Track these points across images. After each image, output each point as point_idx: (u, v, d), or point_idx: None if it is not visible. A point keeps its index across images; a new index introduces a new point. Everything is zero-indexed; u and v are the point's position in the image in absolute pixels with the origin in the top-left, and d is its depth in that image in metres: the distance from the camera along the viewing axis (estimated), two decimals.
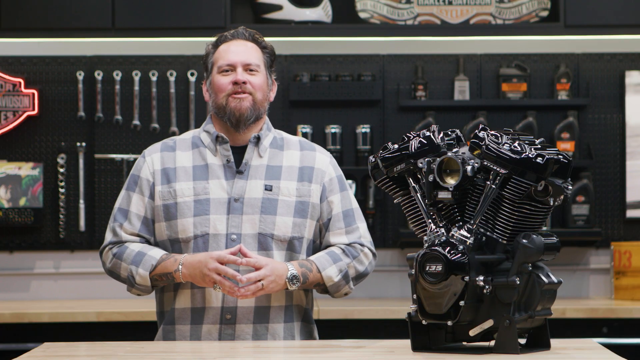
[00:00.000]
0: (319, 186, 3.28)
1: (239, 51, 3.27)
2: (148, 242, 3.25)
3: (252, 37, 3.31)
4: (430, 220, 2.83)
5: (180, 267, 3.14)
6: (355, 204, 3.34)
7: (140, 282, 3.19)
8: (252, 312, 3.18)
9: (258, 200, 3.21)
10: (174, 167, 3.26)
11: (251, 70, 3.25)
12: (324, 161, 3.33)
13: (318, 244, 3.31)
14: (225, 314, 3.18)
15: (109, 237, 3.27)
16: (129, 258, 3.20)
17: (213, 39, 3.33)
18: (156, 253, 3.19)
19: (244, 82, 3.23)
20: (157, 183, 3.25)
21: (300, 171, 3.28)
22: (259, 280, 3.10)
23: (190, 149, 3.28)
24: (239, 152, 3.27)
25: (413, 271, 2.79)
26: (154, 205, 3.24)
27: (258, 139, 3.27)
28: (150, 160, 3.29)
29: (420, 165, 2.84)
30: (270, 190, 3.22)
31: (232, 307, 3.17)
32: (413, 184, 2.87)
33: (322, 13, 5.54)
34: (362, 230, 3.31)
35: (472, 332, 2.78)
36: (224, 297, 3.17)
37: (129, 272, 3.20)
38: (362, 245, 3.30)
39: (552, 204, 2.77)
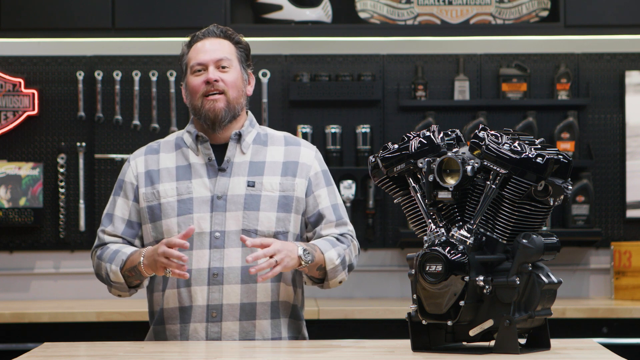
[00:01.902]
0: (304, 180, 3.27)
1: (209, 49, 3.25)
2: (131, 244, 3.26)
3: (224, 34, 3.29)
4: (430, 220, 2.83)
5: (142, 259, 3.13)
6: (340, 200, 3.33)
7: (115, 279, 3.19)
8: (238, 310, 3.17)
9: (241, 196, 3.20)
10: (158, 169, 3.26)
11: (223, 67, 3.23)
12: (309, 155, 3.31)
13: (304, 239, 3.30)
14: (210, 312, 3.17)
15: (95, 242, 3.31)
16: (106, 257, 3.22)
17: (187, 39, 3.33)
18: (129, 250, 3.21)
19: (216, 80, 3.21)
20: (140, 185, 3.26)
21: (284, 166, 3.27)
22: (271, 257, 3.04)
23: (173, 151, 3.29)
24: (221, 150, 3.26)
25: (413, 271, 2.79)
26: (139, 208, 3.26)
27: (239, 136, 3.27)
28: (135, 164, 3.30)
29: (420, 165, 2.84)
30: (253, 186, 3.21)
31: (217, 304, 3.17)
32: (413, 184, 2.87)
33: (322, 13, 5.54)
34: (350, 225, 3.32)
35: (472, 332, 2.78)
36: (209, 295, 3.16)
37: (106, 270, 3.21)
38: (352, 237, 3.30)
39: (552, 204, 2.78)
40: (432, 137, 2.86)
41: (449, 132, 2.91)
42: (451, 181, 2.80)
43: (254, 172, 3.24)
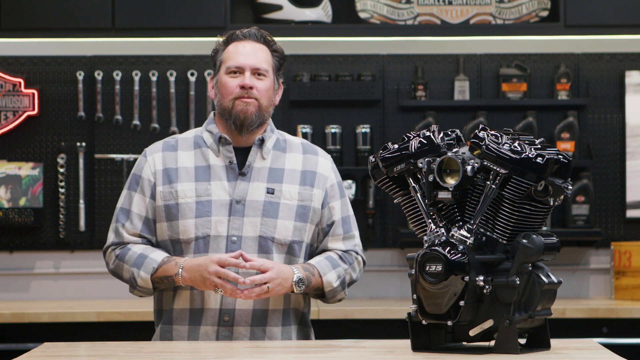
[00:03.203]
0: (322, 191, 3.28)
1: (249, 53, 3.23)
2: (150, 242, 3.25)
3: (263, 39, 3.27)
4: (430, 220, 2.83)
5: (180, 270, 3.13)
6: (351, 211, 3.35)
7: (142, 284, 3.19)
8: (250, 315, 3.17)
9: (260, 203, 3.20)
10: (176, 167, 3.24)
11: (259, 74, 3.23)
12: (326, 166, 3.32)
13: (315, 248, 3.30)
14: (223, 316, 3.17)
15: (111, 237, 3.27)
16: (131, 260, 3.20)
17: (222, 38, 3.29)
18: (158, 256, 3.19)
19: (251, 87, 3.21)
20: (158, 183, 3.24)
21: (303, 175, 3.27)
22: (265, 283, 3.09)
23: (192, 149, 3.27)
24: (242, 153, 3.25)
25: (413, 271, 2.79)
26: (155, 206, 3.23)
27: (262, 141, 3.26)
28: (152, 160, 3.27)
29: (420, 165, 2.83)
30: (272, 193, 3.21)
31: (230, 309, 3.17)
32: (413, 184, 2.86)
33: (322, 13, 5.54)
34: (356, 239, 3.33)
35: (472, 332, 2.78)
36: (222, 299, 3.17)
37: (131, 274, 3.19)
38: (356, 253, 3.31)
39: (552, 204, 2.77)
40: (432, 137, 2.86)
41: (449, 132, 2.91)
42: (451, 181, 2.79)
43: (273, 178, 3.23)
